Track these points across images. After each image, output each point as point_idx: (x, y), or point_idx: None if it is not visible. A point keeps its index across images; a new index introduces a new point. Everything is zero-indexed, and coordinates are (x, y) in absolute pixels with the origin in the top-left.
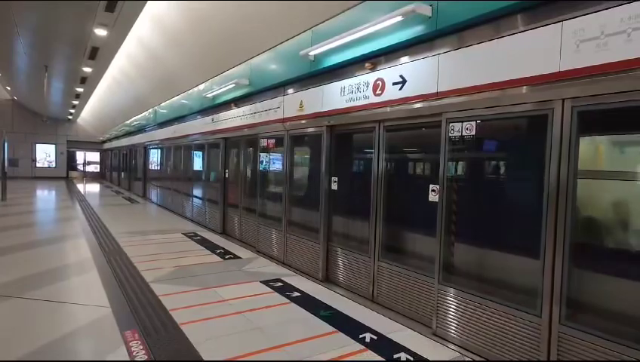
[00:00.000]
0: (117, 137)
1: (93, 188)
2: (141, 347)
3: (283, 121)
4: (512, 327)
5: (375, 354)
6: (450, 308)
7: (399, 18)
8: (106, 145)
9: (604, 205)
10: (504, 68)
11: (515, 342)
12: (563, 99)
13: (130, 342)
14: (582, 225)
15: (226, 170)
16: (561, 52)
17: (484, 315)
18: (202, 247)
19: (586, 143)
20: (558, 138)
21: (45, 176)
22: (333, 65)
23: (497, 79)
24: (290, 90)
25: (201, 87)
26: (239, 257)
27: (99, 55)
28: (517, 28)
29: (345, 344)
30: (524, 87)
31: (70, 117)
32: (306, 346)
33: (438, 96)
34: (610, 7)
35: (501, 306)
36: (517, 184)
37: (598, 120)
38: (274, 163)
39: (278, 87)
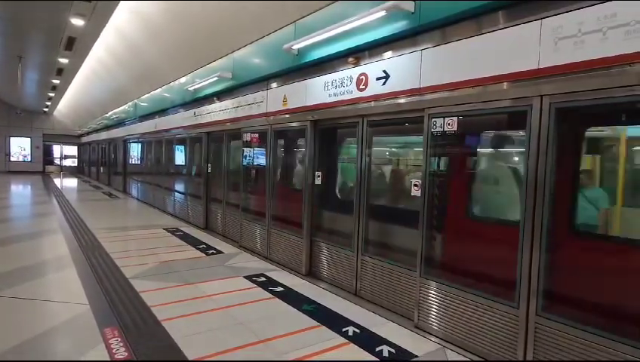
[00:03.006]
0: (96, 131)
1: (71, 182)
2: (121, 344)
3: (266, 115)
4: (491, 319)
5: (358, 348)
6: (432, 300)
7: (382, 13)
8: (84, 139)
9: None
10: (485, 64)
11: (494, 333)
12: (541, 96)
13: (110, 339)
14: None
15: (209, 165)
16: (540, 49)
17: (464, 307)
18: (184, 243)
19: None
20: (536, 133)
21: (20, 171)
22: (317, 59)
23: (478, 75)
24: (274, 85)
25: (183, 80)
26: (222, 252)
27: (76, 46)
28: (498, 25)
29: (328, 338)
30: (505, 83)
31: (46, 109)
32: (290, 340)
33: (420, 91)
34: (586, 6)
35: (480, 298)
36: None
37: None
38: (257, 157)
39: (261, 81)
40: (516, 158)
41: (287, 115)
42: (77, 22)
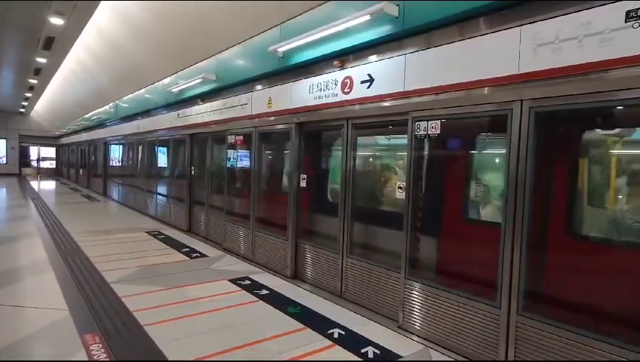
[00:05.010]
0: (75, 132)
1: (49, 185)
2: (102, 350)
3: (251, 117)
4: (473, 318)
5: (343, 349)
6: (416, 301)
7: (367, 17)
8: (63, 140)
9: None
10: (468, 69)
11: (476, 332)
12: (522, 100)
13: (91, 345)
14: None
15: (193, 167)
16: (520, 55)
17: (448, 308)
18: (167, 246)
19: None
20: (516, 136)
21: None
22: (302, 62)
23: (461, 80)
24: (259, 87)
25: (166, 81)
26: (206, 255)
27: (54, 45)
28: (480, 31)
29: (313, 340)
30: (487, 87)
31: (23, 110)
32: (275, 343)
33: (404, 95)
34: (563, 14)
35: (463, 298)
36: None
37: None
38: (242, 160)
39: (246, 83)
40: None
41: (272, 117)
42: (56, 21)
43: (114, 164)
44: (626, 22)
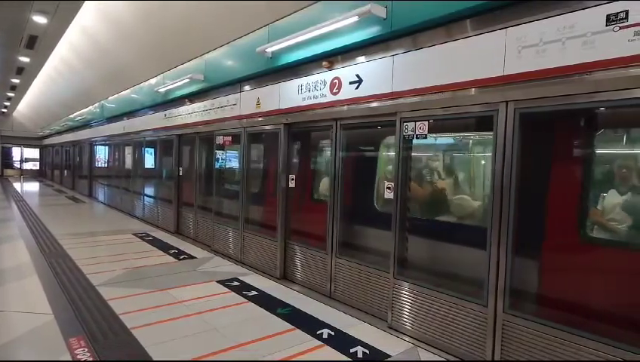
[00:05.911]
0: (59, 132)
1: (32, 186)
2: (88, 354)
3: (240, 118)
4: (461, 317)
5: (332, 350)
6: (405, 301)
7: (355, 18)
8: (47, 141)
9: None
10: (455, 70)
11: (463, 331)
12: (507, 102)
13: (76, 349)
14: None
15: (180, 168)
16: (505, 57)
17: (436, 307)
18: (155, 248)
19: None
20: (502, 137)
21: None
22: (291, 62)
23: (448, 81)
24: (247, 87)
25: (153, 81)
26: (194, 257)
27: (38, 44)
28: (467, 33)
29: (303, 341)
30: (473, 89)
31: (5, 110)
32: (264, 344)
33: (392, 96)
34: (547, 17)
35: (451, 297)
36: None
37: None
38: (230, 160)
39: (234, 84)
40: None
41: (260, 118)
42: (39, 19)
43: (100, 165)
44: (606, 25)
